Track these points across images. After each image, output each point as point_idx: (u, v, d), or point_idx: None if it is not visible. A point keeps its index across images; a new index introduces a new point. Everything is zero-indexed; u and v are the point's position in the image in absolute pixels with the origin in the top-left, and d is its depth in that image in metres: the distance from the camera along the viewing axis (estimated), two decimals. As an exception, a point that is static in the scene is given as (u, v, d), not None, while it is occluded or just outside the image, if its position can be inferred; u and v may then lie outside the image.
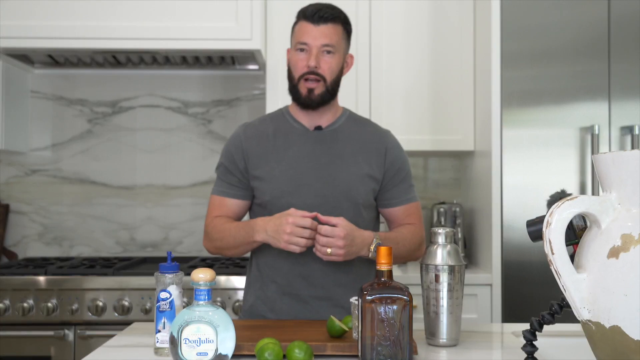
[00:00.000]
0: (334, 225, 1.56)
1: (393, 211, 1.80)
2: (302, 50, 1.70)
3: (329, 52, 1.69)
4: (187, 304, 2.11)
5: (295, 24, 1.76)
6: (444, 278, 1.39)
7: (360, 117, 1.85)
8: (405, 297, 1.16)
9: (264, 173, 1.72)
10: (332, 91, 1.72)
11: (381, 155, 1.76)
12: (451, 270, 1.39)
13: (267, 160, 1.73)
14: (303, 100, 1.72)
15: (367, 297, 1.16)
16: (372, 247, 1.60)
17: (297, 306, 1.71)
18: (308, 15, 1.69)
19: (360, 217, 1.73)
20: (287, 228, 1.53)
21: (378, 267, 1.19)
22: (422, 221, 1.86)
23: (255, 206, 1.78)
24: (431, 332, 1.42)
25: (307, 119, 1.76)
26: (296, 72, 1.71)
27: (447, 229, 1.42)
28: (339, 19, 1.71)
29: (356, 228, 1.59)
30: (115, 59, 2.83)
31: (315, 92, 1.70)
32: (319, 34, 1.68)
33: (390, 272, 1.19)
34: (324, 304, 1.69)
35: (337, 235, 1.54)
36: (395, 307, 1.15)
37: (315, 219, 1.58)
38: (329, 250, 1.54)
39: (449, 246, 1.41)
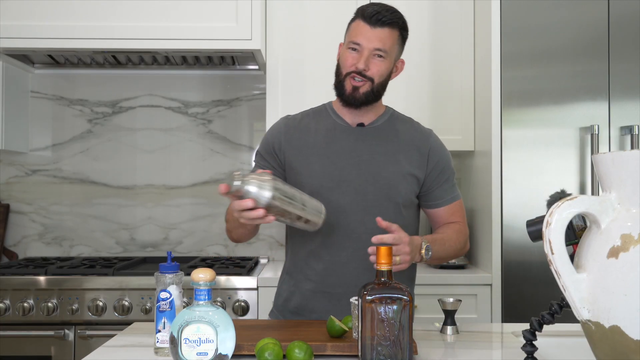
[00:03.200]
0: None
1: (438, 211, 1.80)
2: (353, 49, 1.66)
3: (380, 56, 1.66)
4: (187, 304, 2.11)
5: (352, 20, 1.70)
6: None
7: (403, 116, 1.84)
8: (405, 297, 1.16)
9: (304, 167, 1.71)
10: (377, 93, 1.71)
11: (424, 156, 1.75)
12: None
13: (307, 154, 1.71)
14: (346, 98, 1.69)
15: (367, 297, 1.16)
16: (422, 251, 1.57)
17: (329, 304, 1.69)
18: (366, 15, 1.64)
19: (400, 215, 1.72)
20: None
21: (378, 267, 1.19)
22: (465, 218, 1.86)
23: None
24: None
25: (349, 116, 1.75)
26: (344, 68, 1.68)
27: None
28: (397, 24, 1.66)
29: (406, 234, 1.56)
30: (115, 59, 2.84)
31: (360, 91, 1.67)
32: (373, 37, 1.63)
33: (390, 272, 1.19)
34: None
35: (403, 241, 1.50)
36: (395, 307, 1.15)
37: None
38: (397, 258, 1.49)
39: None
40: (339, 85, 1.71)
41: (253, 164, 1.81)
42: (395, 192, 1.70)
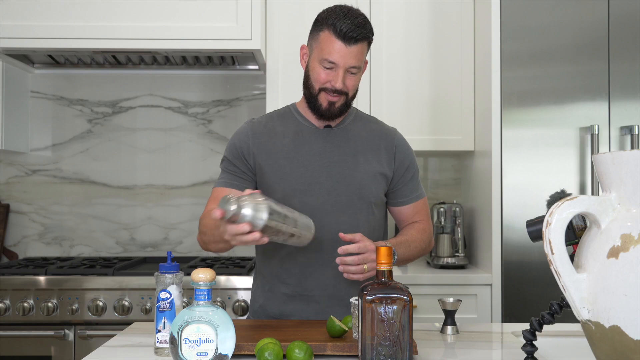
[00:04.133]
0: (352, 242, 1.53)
1: (402, 210, 1.81)
2: (328, 68, 1.64)
3: (354, 73, 1.66)
4: (187, 304, 2.11)
5: (321, 30, 1.64)
6: None
7: (367, 116, 1.85)
8: (405, 297, 1.16)
9: (274, 171, 1.70)
10: (350, 103, 1.72)
11: (391, 154, 1.76)
12: None
13: (277, 158, 1.71)
14: (323, 112, 1.69)
15: (367, 297, 1.16)
16: None
17: (308, 307, 1.69)
18: (340, 32, 1.60)
19: (372, 215, 1.73)
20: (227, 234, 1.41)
21: (378, 267, 1.19)
22: (429, 215, 1.87)
23: None
24: None
25: (316, 119, 1.75)
26: (317, 83, 1.67)
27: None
28: (368, 37, 1.65)
29: (371, 241, 1.57)
30: (115, 59, 2.84)
31: (335, 105, 1.68)
32: (349, 56, 1.61)
33: (390, 272, 1.19)
34: (336, 302, 1.68)
35: (369, 250, 1.51)
36: (395, 307, 1.15)
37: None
38: (365, 266, 1.51)
39: None
40: (312, 99, 1.69)
41: (220, 170, 1.78)
42: (367, 191, 1.71)
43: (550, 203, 2.43)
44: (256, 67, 2.98)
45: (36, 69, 3.03)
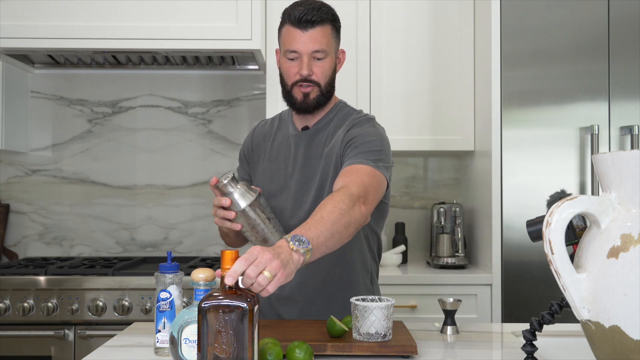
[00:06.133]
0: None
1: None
2: (292, 59, 1.62)
3: (319, 58, 1.62)
4: (187, 304, 2.11)
5: (282, 27, 1.64)
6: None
7: (349, 110, 1.74)
8: (243, 306, 1.03)
9: (260, 172, 1.76)
10: (327, 94, 1.67)
11: (344, 139, 1.63)
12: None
13: (264, 160, 1.76)
14: (299, 106, 1.66)
15: (203, 306, 1.03)
16: (292, 246, 1.22)
17: (291, 309, 1.69)
18: (294, 19, 1.58)
19: None
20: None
21: (222, 273, 1.07)
22: (361, 179, 1.48)
23: None
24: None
25: (298, 120, 1.73)
26: (288, 79, 1.65)
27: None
28: (327, 19, 1.61)
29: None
30: (115, 59, 2.83)
31: (310, 97, 1.64)
32: (308, 40, 1.59)
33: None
34: (314, 303, 1.68)
35: (252, 253, 1.14)
36: (233, 316, 1.03)
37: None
38: (266, 273, 1.12)
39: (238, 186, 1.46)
40: (287, 96, 1.68)
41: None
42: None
43: (550, 203, 2.43)
44: (256, 67, 2.98)
45: (36, 69, 3.03)
